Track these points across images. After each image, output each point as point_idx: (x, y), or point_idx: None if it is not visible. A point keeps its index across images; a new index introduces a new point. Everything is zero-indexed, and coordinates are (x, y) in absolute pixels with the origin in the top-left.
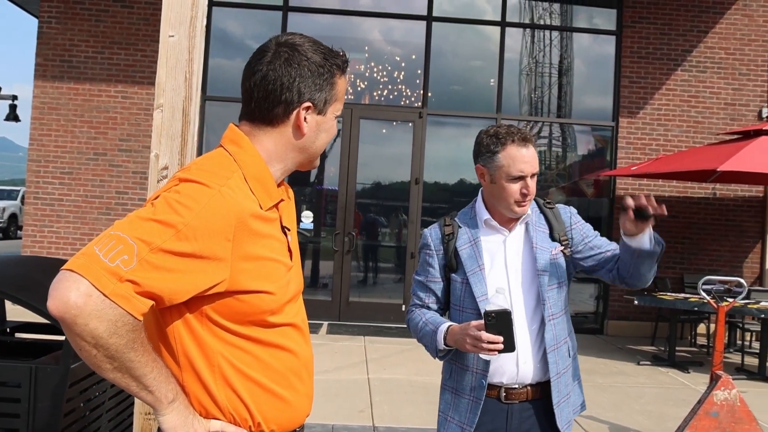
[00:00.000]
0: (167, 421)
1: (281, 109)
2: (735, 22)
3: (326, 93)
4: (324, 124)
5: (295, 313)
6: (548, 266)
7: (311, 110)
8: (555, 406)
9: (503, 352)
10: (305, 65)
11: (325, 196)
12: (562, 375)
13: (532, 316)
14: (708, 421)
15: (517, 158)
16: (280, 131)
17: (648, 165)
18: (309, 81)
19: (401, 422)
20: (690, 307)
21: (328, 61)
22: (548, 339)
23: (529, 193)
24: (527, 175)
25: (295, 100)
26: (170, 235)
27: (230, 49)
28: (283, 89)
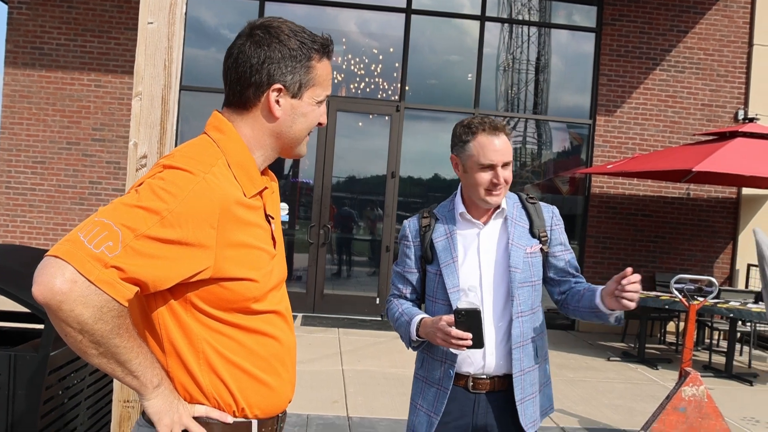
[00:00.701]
0: (152, 406)
1: (252, 92)
2: (715, 23)
3: (300, 76)
4: (300, 108)
5: (279, 300)
6: (521, 263)
7: (283, 93)
8: (518, 402)
9: (472, 348)
10: (276, 47)
11: (300, 189)
12: (527, 373)
13: (501, 311)
14: (676, 416)
15: (486, 147)
16: (254, 116)
17: (624, 164)
18: (280, 63)
19: (375, 413)
20: (660, 305)
21: (304, 44)
22: (515, 335)
23: (500, 183)
24: (497, 164)
25: (265, 82)
26: (155, 222)
27: (205, 39)
28: (252, 71)
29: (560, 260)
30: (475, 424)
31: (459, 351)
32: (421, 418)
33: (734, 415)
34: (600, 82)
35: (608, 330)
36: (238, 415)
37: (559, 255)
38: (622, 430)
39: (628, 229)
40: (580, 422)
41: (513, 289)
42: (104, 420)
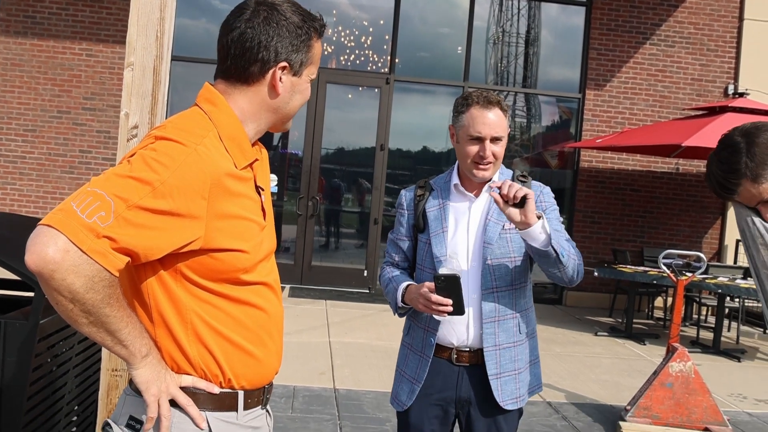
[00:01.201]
0: (140, 375)
1: (257, 68)
2: None
3: (303, 55)
4: (299, 85)
5: (268, 272)
6: (495, 239)
7: (287, 71)
8: (491, 377)
9: (452, 314)
10: (284, 25)
11: (289, 160)
12: (505, 349)
13: (476, 284)
14: (663, 391)
15: (477, 119)
16: (256, 90)
17: (613, 138)
18: (287, 41)
19: (362, 385)
20: (649, 280)
21: (306, 23)
22: (486, 310)
23: (486, 156)
24: (485, 137)
25: (272, 59)
26: (147, 192)
27: (194, 9)
28: (260, 47)
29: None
30: (458, 397)
31: (441, 317)
32: (404, 385)
33: (721, 391)
34: (590, 56)
35: (596, 305)
36: (225, 385)
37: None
38: (609, 405)
39: (616, 203)
40: (567, 397)
41: (484, 264)
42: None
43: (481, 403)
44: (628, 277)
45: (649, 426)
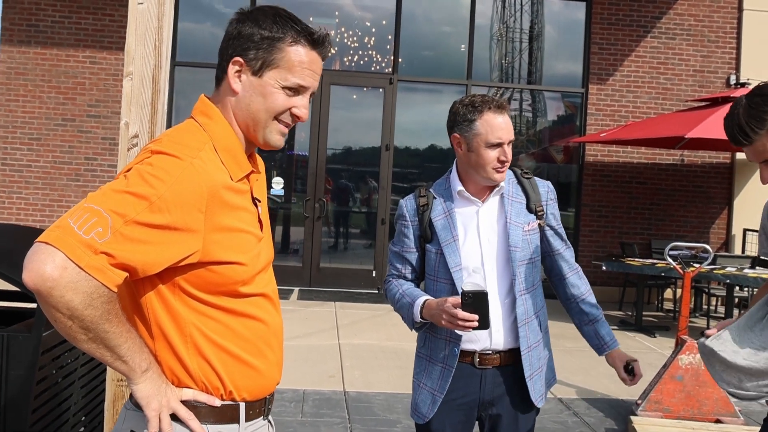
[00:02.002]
0: (141, 390)
1: (221, 66)
2: None
3: (264, 53)
4: (260, 87)
5: (266, 283)
6: (520, 242)
7: (244, 68)
8: (528, 379)
9: (478, 329)
10: (248, 24)
11: (295, 162)
12: (534, 348)
13: (504, 289)
14: (673, 384)
15: (494, 125)
16: (222, 91)
17: (617, 131)
18: (247, 39)
19: (372, 387)
20: (657, 272)
21: (280, 26)
22: (519, 313)
23: (507, 160)
24: (505, 141)
25: (229, 55)
26: (144, 207)
27: (199, 13)
28: (225, 46)
29: (554, 234)
30: (482, 399)
31: (465, 332)
32: (425, 396)
33: None
34: (592, 50)
35: (605, 298)
36: (226, 398)
37: (554, 227)
38: (621, 399)
39: (623, 196)
40: (578, 393)
41: (514, 268)
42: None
43: (508, 403)
44: (636, 270)
45: (660, 419)
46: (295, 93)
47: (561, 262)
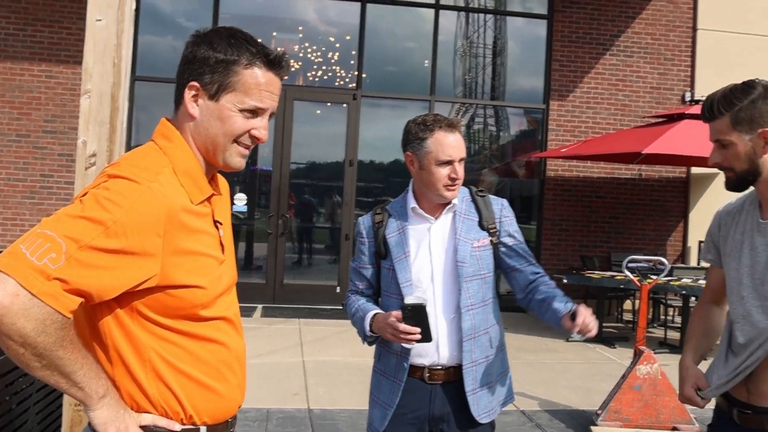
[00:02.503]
0: (98, 417)
1: (179, 90)
2: (660, 9)
3: (220, 77)
4: (217, 111)
5: (227, 306)
6: (468, 258)
7: (201, 93)
8: (468, 393)
9: (420, 342)
10: (203, 47)
11: (258, 178)
12: (480, 364)
13: (451, 304)
14: (632, 394)
15: (444, 144)
16: (181, 115)
17: (577, 147)
18: (202, 63)
19: (337, 404)
20: (616, 284)
21: (232, 48)
22: (465, 328)
23: (458, 177)
24: (455, 159)
25: (185, 79)
26: (99, 232)
27: (160, 27)
28: (181, 70)
29: (512, 250)
30: (432, 414)
31: (409, 345)
32: (377, 411)
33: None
34: (552, 67)
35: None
36: (186, 422)
37: (511, 245)
38: (582, 410)
39: (583, 210)
40: (540, 405)
41: (461, 283)
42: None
43: (455, 419)
44: (596, 283)
45: (619, 429)
46: (253, 115)
47: (520, 277)
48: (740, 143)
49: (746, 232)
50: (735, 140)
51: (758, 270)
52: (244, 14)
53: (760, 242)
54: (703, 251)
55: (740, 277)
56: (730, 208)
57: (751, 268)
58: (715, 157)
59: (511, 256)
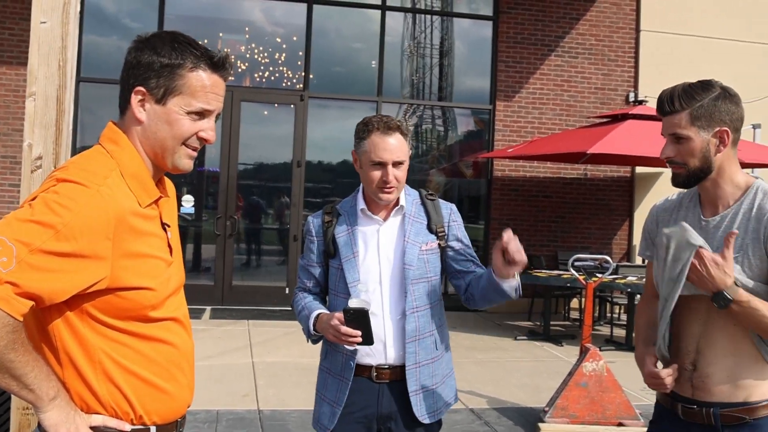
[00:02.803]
0: (48, 418)
1: (124, 95)
2: (604, 10)
3: (166, 81)
4: (165, 115)
5: (176, 307)
6: (415, 261)
7: (147, 97)
8: (411, 393)
9: (362, 345)
10: (147, 52)
11: (206, 179)
12: (424, 366)
13: (397, 306)
14: (578, 391)
15: (378, 145)
16: (128, 120)
17: (523, 147)
18: (147, 68)
19: (287, 405)
20: (563, 283)
21: (177, 53)
22: (409, 330)
23: (389, 181)
24: (387, 162)
25: (131, 84)
26: (49, 236)
27: (105, 26)
28: (125, 75)
29: (459, 254)
30: (379, 413)
31: (350, 347)
32: (325, 408)
33: (634, 386)
34: (498, 68)
35: (515, 310)
36: (136, 422)
37: (458, 249)
38: (530, 407)
39: (530, 210)
40: (488, 403)
41: (407, 285)
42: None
43: (402, 418)
44: (542, 282)
45: (566, 425)
46: (200, 117)
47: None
48: (697, 139)
49: None
50: (692, 135)
51: None
52: (190, 15)
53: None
54: (641, 248)
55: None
56: (667, 205)
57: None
58: (669, 151)
59: (457, 261)
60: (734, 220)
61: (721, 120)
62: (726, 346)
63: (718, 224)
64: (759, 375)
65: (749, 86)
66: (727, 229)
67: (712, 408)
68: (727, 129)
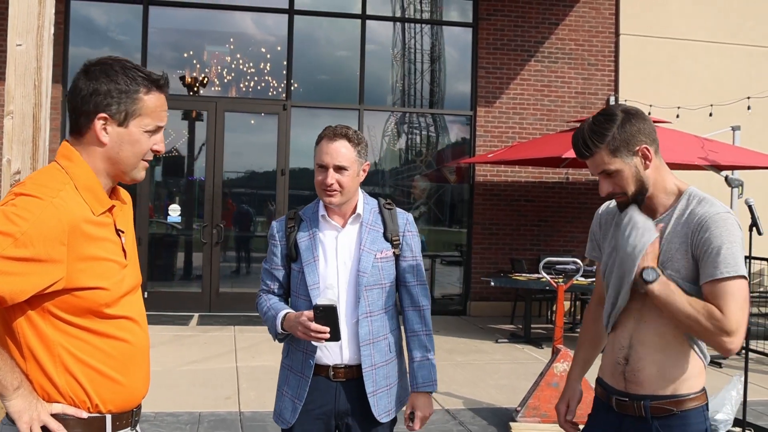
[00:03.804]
0: (13, 406)
1: (83, 121)
2: (583, 15)
3: (126, 106)
4: (127, 136)
5: (131, 306)
6: (369, 268)
7: (110, 122)
8: (369, 394)
9: (330, 341)
10: (103, 80)
11: (195, 188)
12: (379, 368)
13: (351, 310)
14: (549, 391)
15: (320, 150)
16: (87, 141)
17: (504, 152)
18: (106, 95)
19: (267, 407)
20: (542, 286)
21: (133, 78)
22: (362, 333)
23: (329, 183)
24: (328, 165)
25: (92, 111)
26: (9, 243)
27: (95, 38)
28: (83, 101)
29: (408, 265)
30: (337, 410)
31: (318, 343)
32: (287, 403)
33: None
34: (479, 74)
35: (499, 313)
36: (93, 410)
37: (408, 259)
38: (504, 408)
39: (512, 214)
40: (464, 403)
41: (360, 291)
42: None
43: (358, 416)
44: (522, 285)
45: (538, 424)
46: (153, 133)
47: (405, 294)
48: (625, 167)
49: None
50: (619, 166)
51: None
52: (174, 27)
53: None
54: (588, 249)
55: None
56: (609, 209)
57: None
58: (606, 188)
59: (406, 270)
60: (667, 225)
61: (637, 141)
62: (656, 342)
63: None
64: (686, 370)
65: (729, 87)
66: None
67: (643, 400)
68: (646, 144)
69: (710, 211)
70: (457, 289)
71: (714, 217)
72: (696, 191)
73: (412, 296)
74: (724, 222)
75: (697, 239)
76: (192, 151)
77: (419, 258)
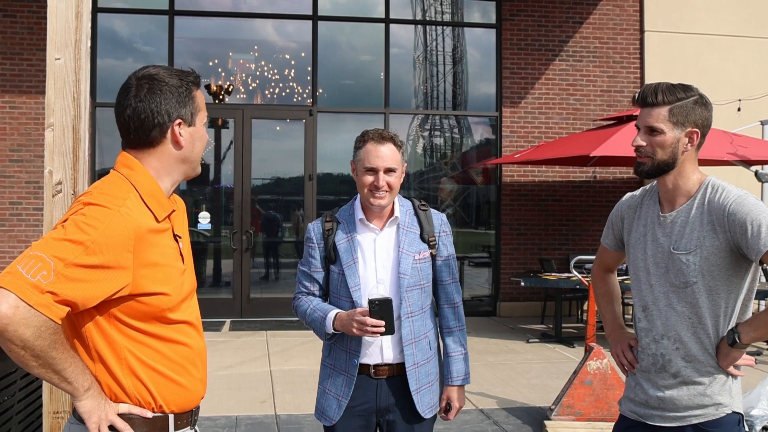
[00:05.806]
0: (83, 406)
1: (157, 132)
2: (607, 13)
3: (190, 107)
4: (196, 133)
5: (191, 310)
6: (409, 270)
7: (183, 124)
8: (413, 392)
9: (385, 334)
10: (166, 89)
11: (222, 195)
12: (421, 366)
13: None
14: (583, 389)
15: (370, 152)
16: (162, 150)
17: (530, 152)
18: (173, 101)
19: (302, 410)
20: (572, 285)
21: (183, 81)
22: (405, 333)
23: (380, 186)
24: (379, 169)
25: (167, 121)
26: (80, 251)
27: (121, 51)
28: (154, 115)
29: (443, 264)
30: (378, 406)
31: (373, 338)
32: (330, 401)
33: None
34: (503, 75)
35: (529, 313)
36: (157, 410)
37: (444, 258)
38: (537, 407)
39: (540, 214)
40: (498, 403)
41: (402, 293)
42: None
43: (400, 412)
44: (552, 284)
45: (572, 422)
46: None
47: (441, 292)
48: (670, 134)
49: (648, 225)
50: (666, 130)
51: (662, 259)
52: (199, 36)
53: (661, 234)
54: (604, 235)
55: (647, 267)
56: (631, 202)
57: (654, 257)
58: (641, 140)
59: (441, 269)
60: (688, 215)
61: (694, 122)
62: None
63: (674, 219)
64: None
65: (757, 81)
66: (683, 223)
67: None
68: (698, 131)
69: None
70: (487, 290)
71: (738, 200)
72: (715, 180)
73: (447, 294)
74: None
75: (730, 222)
76: (219, 159)
77: (453, 256)
